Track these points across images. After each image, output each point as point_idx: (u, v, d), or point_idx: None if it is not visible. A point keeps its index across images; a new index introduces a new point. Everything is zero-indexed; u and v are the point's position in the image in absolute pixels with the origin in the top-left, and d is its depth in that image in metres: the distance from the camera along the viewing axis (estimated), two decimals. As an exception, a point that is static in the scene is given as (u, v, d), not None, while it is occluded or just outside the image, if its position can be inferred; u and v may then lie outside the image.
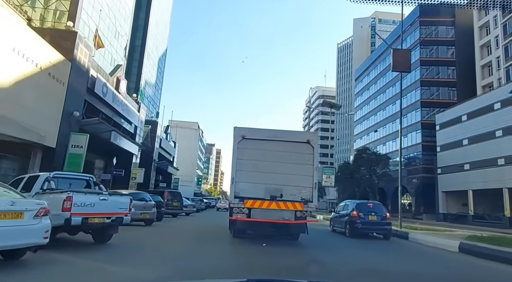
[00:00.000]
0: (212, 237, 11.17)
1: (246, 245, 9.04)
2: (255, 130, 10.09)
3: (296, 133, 11.11)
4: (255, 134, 9.91)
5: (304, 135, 11.18)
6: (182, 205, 18.90)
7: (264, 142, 9.69)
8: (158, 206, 14.92)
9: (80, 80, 19.41)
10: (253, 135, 9.84)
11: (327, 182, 26.86)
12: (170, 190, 19.06)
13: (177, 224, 15.72)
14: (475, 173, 34.48)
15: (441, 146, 40.75)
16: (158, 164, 41.93)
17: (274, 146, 9.62)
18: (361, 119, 68.39)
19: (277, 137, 9.77)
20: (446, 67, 47.24)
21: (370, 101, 64.10)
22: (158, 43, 55.79)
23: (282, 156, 9.53)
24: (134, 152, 28.63)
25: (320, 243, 10.96)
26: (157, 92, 55.81)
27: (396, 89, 54.05)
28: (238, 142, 9.71)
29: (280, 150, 9.60)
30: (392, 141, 53.36)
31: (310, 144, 9.72)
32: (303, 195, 9.30)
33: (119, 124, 27.77)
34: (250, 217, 8.99)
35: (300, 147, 9.66)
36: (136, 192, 14.55)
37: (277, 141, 9.68)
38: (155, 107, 54.12)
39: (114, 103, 25.30)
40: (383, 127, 57.27)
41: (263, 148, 9.63)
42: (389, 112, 55.61)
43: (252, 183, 9.42)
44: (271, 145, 9.64)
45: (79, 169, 18.40)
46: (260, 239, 9.64)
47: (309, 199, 9.28)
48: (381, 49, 62.40)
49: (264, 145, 9.66)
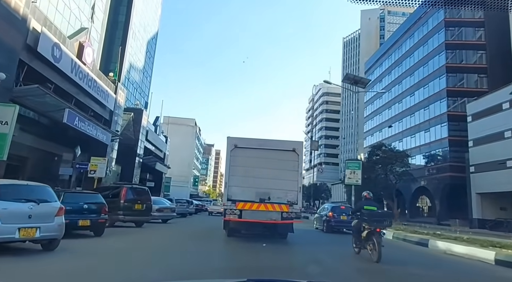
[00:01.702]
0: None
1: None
2: (246, 140, 10.95)
3: (283, 142, 11.53)
4: (246, 143, 10.74)
5: (290, 144, 11.31)
6: (150, 208, 12.93)
7: (254, 150, 10.57)
8: (95, 211, 9.15)
9: (10, 29, 13.61)
10: (244, 144, 10.67)
11: (352, 179, 20.89)
12: (132, 186, 12.95)
13: (109, 246, 8.45)
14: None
15: (474, 140, 34.84)
16: (143, 159, 36.09)
17: (263, 154, 10.51)
18: (372, 114, 62.45)
19: (265, 146, 10.70)
20: (474, 51, 41.45)
21: (383, 94, 58.29)
22: (147, 23, 49.76)
23: (270, 163, 10.39)
24: (104, 141, 22.80)
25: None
26: (146, 80, 49.64)
27: (414, 79, 48.41)
28: (231, 150, 10.56)
29: (269, 157, 10.47)
30: (411, 137, 47.54)
31: (295, 152, 10.58)
32: (289, 198, 10.20)
33: (86, 105, 21.98)
34: (241, 217, 9.91)
35: (287, 155, 10.50)
36: (13, 183, 6.81)
37: (265, 149, 10.59)
38: (143, 96, 48.00)
39: (76, 76, 19.50)
40: (399, 122, 51.42)
41: (253, 155, 10.50)
42: (406, 104, 49.76)
43: (243, 187, 10.23)
44: (260, 153, 10.53)
45: (2, 155, 12.65)
46: (252, 239, 10.40)
47: (295, 201, 10.21)
48: (396, 37, 56.73)
49: (254, 153, 10.54)
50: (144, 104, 45.87)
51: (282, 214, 9.90)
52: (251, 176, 10.23)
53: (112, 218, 11.16)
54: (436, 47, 43.06)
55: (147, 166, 38.05)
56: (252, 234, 11.07)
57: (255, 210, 9.81)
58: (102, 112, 24.36)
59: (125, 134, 30.82)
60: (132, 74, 43.42)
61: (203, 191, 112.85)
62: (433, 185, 41.43)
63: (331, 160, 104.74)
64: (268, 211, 9.87)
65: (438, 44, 42.70)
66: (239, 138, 10.91)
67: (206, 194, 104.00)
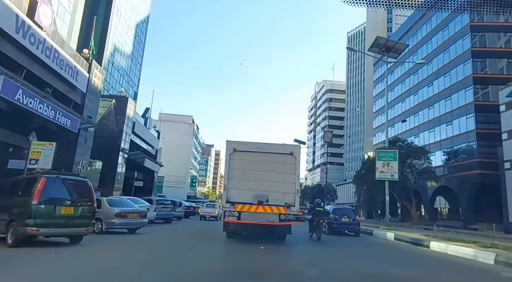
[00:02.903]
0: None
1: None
2: (245, 143, 11.17)
3: (281, 146, 11.67)
4: (244, 146, 10.97)
5: (287, 147, 11.13)
6: (92, 213, 7.81)
7: (252, 154, 10.77)
8: None
9: None
10: (243, 147, 10.90)
11: (385, 172, 16.11)
12: (58, 176, 7.46)
13: None
14: None
15: (509, 132, 30.23)
16: (129, 155, 31.49)
17: (261, 157, 10.70)
18: (382, 109, 57.75)
19: (263, 149, 10.87)
20: (502, 34, 36.94)
21: (395, 86, 53.70)
22: (136, 4, 45.13)
23: (268, 166, 10.61)
24: (69, 127, 18.20)
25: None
26: (135, 68, 44.82)
27: (433, 67, 43.84)
28: (230, 154, 10.76)
29: (267, 160, 10.66)
30: (429, 131, 42.92)
31: (293, 156, 10.76)
32: (287, 200, 10.42)
33: (43, 80, 17.39)
34: (240, 219, 10.16)
35: (284, 158, 10.67)
36: None
37: (264, 153, 10.76)
38: (131, 86, 43.19)
39: (25, 39, 14.96)
40: (414, 116, 46.82)
41: (251, 159, 10.71)
42: (423, 96, 45.15)
43: (242, 189, 10.47)
44: (258, 156, 10.72)
45: None
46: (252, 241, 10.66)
47: (292, 203, 10.42)
48: (409, 23, 52.20)
49: (253, 156, 10.73)
50: (133, 94, 41.30)
51: (280, 216, 10.22)
52: (249, 178, 10.46)
53: (17, 232, 6.53)
54: (459, 30, 38.49)
55: (135, 163, 33.47)
56: (253, 235, 11.23)
57: (253, 212, 10.07)
58: (68, 92, 19.79)
59: (105, 124, 26.30)
60: (118, 59, 38.71)
61: (202, 193, 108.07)
62: (457, 185, 36.74)
63: (335, 160, 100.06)
64: (266, 213, 10.16)
65: (461, 26, 38.14)
66: (238, 141, 11.16)
67: (205, 196, 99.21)
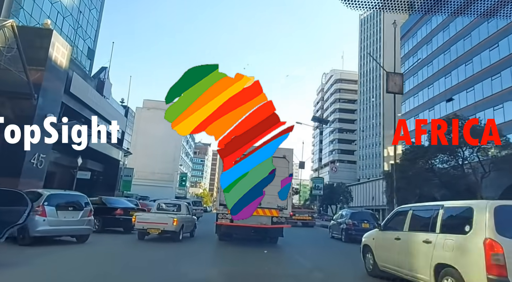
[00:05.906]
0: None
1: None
2: None
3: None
4: None
5: (280, 151, 10.83)
6: None
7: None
8: None
9: None
10: None
11: None
12: None
13: None
14: None
15: None
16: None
17: None
18: (415, 88, 46.27)
19: None
20: None
21: (434, 58, 42.44)
22: None
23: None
24: None
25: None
26: (90, 16, 32.28)
27: (493, 27, 32.67)
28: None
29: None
30: (494, 109, 31.58)
31: (285, 159, 11.09)
32: (279, 203, 10.71)
33: None
34: (233, 222, 10.41)
35: (277, 161, 9.99)
36: None
37: None
38: (83, 38, 30.84)
39: None
40: (467, 91, 35.53)
41: None
42: (481, 64, 33.89)
43: None
44: None
45: None
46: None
47: (284, 206, 10.95)
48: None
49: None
50: (86, 51, 30.00)
51: (272, 218, 10.79)
52: None
53: None
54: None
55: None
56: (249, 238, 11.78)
57: None
58: None
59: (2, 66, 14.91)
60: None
61: (196, 194, 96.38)
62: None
63: (346, 158, 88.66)
64: (258, 216, 10.44)
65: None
66: None
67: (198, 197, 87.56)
